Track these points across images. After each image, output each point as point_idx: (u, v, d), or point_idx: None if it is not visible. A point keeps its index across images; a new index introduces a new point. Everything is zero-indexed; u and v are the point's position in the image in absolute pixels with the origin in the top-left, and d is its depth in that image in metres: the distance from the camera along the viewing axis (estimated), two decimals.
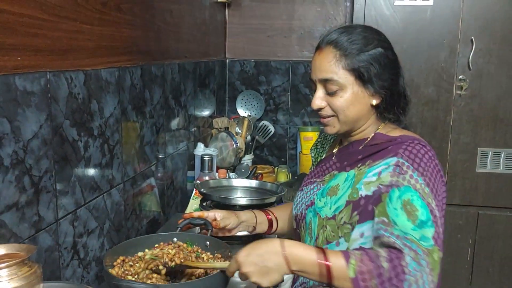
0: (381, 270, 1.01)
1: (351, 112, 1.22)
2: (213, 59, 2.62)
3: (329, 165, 1.35)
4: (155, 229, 1.82)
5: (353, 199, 1.19)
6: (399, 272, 1.01)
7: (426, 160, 1.15)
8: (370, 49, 1.19)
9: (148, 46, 1.70)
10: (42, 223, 1.13)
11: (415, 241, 1.05)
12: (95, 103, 1.34)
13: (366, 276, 1.02)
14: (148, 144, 1.73)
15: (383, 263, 1.02)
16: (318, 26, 2.74)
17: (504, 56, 2.31)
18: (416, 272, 1.01)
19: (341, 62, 1.19)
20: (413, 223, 1.07)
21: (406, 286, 1.00)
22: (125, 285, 1.05)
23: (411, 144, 1.18)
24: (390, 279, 1.01)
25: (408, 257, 1.02)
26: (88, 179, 1.33)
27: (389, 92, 1.21)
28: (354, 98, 1.21)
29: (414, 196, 1.09)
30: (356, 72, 1.19)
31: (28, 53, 1.05)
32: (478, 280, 2.47)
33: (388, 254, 1.03)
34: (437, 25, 2.34)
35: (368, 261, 1.03)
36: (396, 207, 1.10)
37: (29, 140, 1.06)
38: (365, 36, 1.21)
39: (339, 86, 1.20)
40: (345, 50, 1.19)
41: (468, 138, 2.40)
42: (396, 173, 1.14)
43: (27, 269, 0.87)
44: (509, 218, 2.41)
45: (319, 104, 1.24)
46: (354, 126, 1.26)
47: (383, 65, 1.20)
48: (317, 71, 1.23)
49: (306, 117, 2.85)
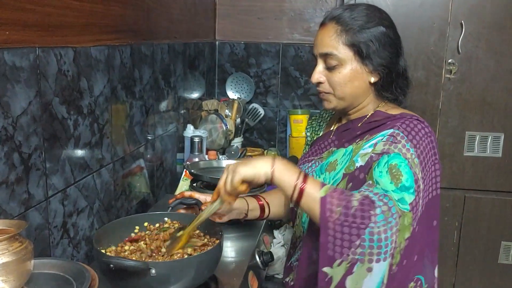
0: (349, 204, 1.04)
1: (348, 88, 1.23)
2: (203, 41, 2.60)
3: (327, 143, 1.36)
4: (144, 210, 1.81)
5: (349, 171, 1.21)
6: (365, 216, 1.03)
7: (421, 135, 1.17)
8: (371, 27, 1.21)
9: (137, 25, 1.68)
10: (32, 201, 1.12)
11: (393, 199, 1.07)
12: (84, 81, 1.32)
13: (335, 201, 1.05)
14: (138, 125, 1.72)
15: (354, 202, 1.05)
16: (309, 9, 2.73)
17: (493, 40, 2.32)
18: (381, 225, 1.03)
19: (342, 37, 1.21)
20: (395, 185, 1.10)
21: (367, 232, 1.03)
22: (115, 261, 1.04)
23: (409, 119, 1.20)
24: (355, 216, 1.03)
25: (378, 209, 1.04)
26: (77, 158, 1.32)
27: (387, 70, 1.22)
28: (353, 74, 1.22)
29: (403, 163, 1.11)
30: (355, 48, 1.20)
31: (17, 28, 1.03)
32: (463, 261, 2.51)
33: (362, 199, 1.06)
34: (427, 8, 2.34)
35: (341, 192, 1.08)
36: (381, 170, 1.12)
37: (18, 117, 1.05)
38: (367, 14, 1.22)
39: (338, 61, 1.21)
40: (346, 26, 1.21)
41: (456, 121, 2.42)
42: (389, 142, 1.16)
43: (18, 244, 0.87)
44: (494, 201, 2.45)
45: (318, 78, 1.26)
46: (352, 103, 1.27)
47: (383, 43, 1.21)
48: (318, 45, 1.25)
49: (296, 100, 2.85)
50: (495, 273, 2.50)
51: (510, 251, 2.47)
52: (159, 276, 1.06)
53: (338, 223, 1.03)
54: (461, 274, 2.53)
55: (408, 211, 1.09)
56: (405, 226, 1.08)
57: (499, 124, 2.38)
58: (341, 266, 1.04)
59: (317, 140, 1.43)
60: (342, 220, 1.03)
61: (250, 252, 1.50)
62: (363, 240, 1.02)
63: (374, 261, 1.04)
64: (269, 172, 1.10)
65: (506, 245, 2.47)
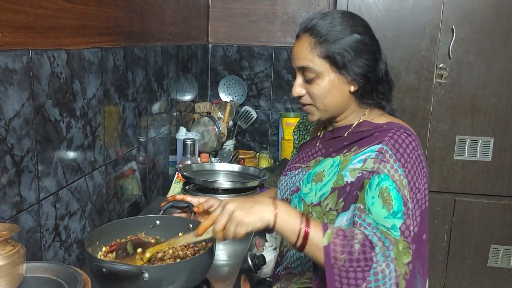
0: (352, 250, 1.05)
1: (328, 99, 1.23)
2: (196, 43, 2.60)
3: (314, 151, 1.35)
4: (136, 213, 1.81)
5: (339, 186, 1.21)
6: (368, 258, 1.04)
7: (409, 151, 1.17)
8: (345, 36, 1.18)
9: (131, 27, 1.68)
10: (24, 203, 1.11)
11: (385, 231, 1.08)
12: (77, 83, 1.31)
13: (338, 248, 1.05)
14: (130, 127, 1.71)
15: (355, 244, 1.05)
16: (302, 12, 2.74)
17: (483, 46, 2.34)
18: (383, 263, 1.05)
19: (316, 50, 1.19)
20: (387, 210, 1.10)
21: (372, 273, 1.04)
22: (107, 266, 1.04)
23: (396, 133, 1.18)
24: (359, 261, 1.04)
25: (377, 248, 1.06)
26: (70, 161, 1.31)
27: (365, 78, 1.20)
28: (331, 86, 1.21)
29: (391, 187, 1.12)
30: (331, 60, 1.19)
31: (10, 30, 1.03)
32: (453, 264, 2.53)
33: (363, 240, 1.06)
34: (418, 13, 2.36)
35: (343, 237, 1.06)
36: (374, 195, 1.12)
37: (11, 119, 1.04)
38: (341, 22, 1.20)
39: (316, 73, 1.20)
40: (320, 37, 1.19)
41: (447, 125, 2.44)
42: (378, 160, 1.15)
43: (10, 248, 0.87)
44: (484, 204, 2.47)
45: (298, 92, 1.25)
46: (335, 113, 1.27)
47: (358, 51, 1.18)
48: (295, 59, 1.24)
49: (288, 103, 2.86)
50: (484, 276, 2.52)
51: (499, 254, 2.49)
52: (151, 281, 1.05)
53: (343, 269, 1.04)
54: (450, 277, 2.55)
55: (399, 236, 1.09)
56: (400, 252, 1.09)
57: (489, 128, 2.41)
58: None
59: (304, 145, 1.43)
60: (347, 266, 1.04)
61: (242, 255, 1.50)
62: (368, 282, 1.04)
63: None
64: (272, 221, 1.08)
65: (495, 248, 2.49)
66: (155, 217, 1.38)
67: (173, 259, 1.22)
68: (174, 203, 1.42)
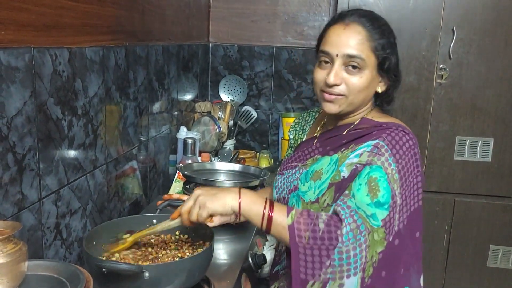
0: (316, 228, 1.08)
1: (362, 94, 1.23)
2: (196, 43, 2.60)
3: (311, 150, 1.35)
4: (137, 212, 1.81)
5: (336, 181, 1.21)
6: (333, 237, 1.07)
7: (405, 148, 1.18)
8: (390, 37, 1.23)
9: (132, 26, 1.68)
10: (25, 201, 1.11)
11: (364, 217, 1.10)
12: (79, 81, 1.31)
13: (302, 227, 1.09)
14: (131, 126, 1.71)
15: (320, 224, 1.09)
16: (302, 12, 2.74)
17: (484, 46, 2.34)
18: (349, 244, 1.07)
19: (370, 43, 1.20)
20: (371, 198, 1.12)
21: (336, 251, 1.07)
22: (108, 265, 1.04)
23: (394, 131, 1.20)
24: (323, 239, 1.07)
25: (346, 228, 1.07)
26: (71, 159, 1.31)
27: (396, 83, 1.25)
28: (370, 81, 1.22)
29: (382, 178, 1.13)
30: (380, 58, 1.21)
31: (12, 28, 1.03)
32: (453, 265, 2.53)
33: (328, 219, 1.09)
34: (419, 14, 2.36)
35: (307, 216, 1.11)
36: (361, 182, 1.14)
37: (13, 117, 1.04)
38: (384, 23, 1.24)
39: (362, 66, 1.20)
40: (373, 33, 1.21)
41: (447, 126, 2.44)
42: (373, 153, 1.16)
43: (12, 245, 0.87)
44: (484, 205, 2.47)
45: (335, 81, 1.21)
46: (356, 108, 1.28)
47: (396, 53, 1.24)
48: (343, 45, 1.20)
49: (289, 103, 2.86)
50: (484, 277, 2.52)
51: (499, 254, 2.50)
52: (151, 279, 1.05)
53: (308, 247, 1.08)
54: (450, 278, 2.55)
55: (380, 226, 1.11)
56: (375, 241, 1.11)
57: (489, 129, 2.41)
58: (315, 286, 1.09)
59: (301, 144, 1.42)
60: (311, 243, 1.08)
61: (243, 254, 1.50)
62: (332, 260, 1.07)
63: (344, 277, 1.08)
64: (236, 206, 1.13)
65: (494, 249, 2.50)
66: (152, 216, 1.38)
67: (171, 258, 1.22)
68: (171, 201, 1.43)
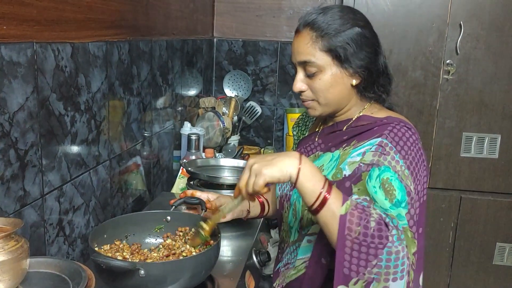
0: (368, 225, 1.02)
1: (331, 94, 1.22)
2: (201, 38, 2.58)
3: (313, 146, 1.34)
4: (140, 208, 1.80)
5: (337, 179, 1.20)
6: (383, 236, 1.02)
7: (410, 144, 1.16)
8: (346, 29, 1.18)
9: (136, 21, 1.66)
10: (28, 198, 1.10)
11: (395, 217, 1.07)
12: (82, 77, 1.30)
13: (355, 220, 1.02)
14: (135, 122, 1.70)
15: (371, 222, 1.02)
16: (308, 7, 2.71)
17: (491, 42, 2.32)
18: (398, 244, 1.03)
19: (318, 44, 1.18)
20: (390, 201, 1.09)
21: (385, 251, 1.01)
22: (101, 261, 1.02)
23: (396, 126, 1.18)
24: (373, 237, 1.01)
25: (394, 229, 1.04)
26: (74, 155, 1.30)
27: (367, 71, 1.20)
28: (333, 80, 1.20)
29: (393, 177, 1.10)
30: (333, 53, 1.18)
31: (15, 22, 1.02)
32: (458, 262, 2.52)
33: (379, 219, 1.04)
34: (426, 9, 2.33)
35: (362, 210, 1.04)
36: (375, 185, 1.11)
37: (15, 113, 1.03)
38: (341, 16, 1.19)
39: (317, 67, 1.19)
40: (321, 31, 1.18)
41: (454, 122, 2.42)
42: (378, 153, 1.14)
43: (14, 243, 0.86)
44: (490, 202, 2.45)
45: (299, 87, 1.23)
46: (337, 107, 1.26)
47: (360, 44, 1.18)
48: (296, 53, 1.23)
49: (294, 98, 2.84)
50: (490, 274, 2.51)
51: (505, 252, 2.48)
52: (152, 277, 1.04)
53: (356, 242, 1.01)
54: (456, 275, 2.53)
55: (407, 225, 1.08)
56: (410, 241, 1.08)
57: (496, 125, 2.39)
58: (357, 285, 1.03)
59: (303, 140, 1.42)
60: (361, 239, 1.01)
61: (247, 251, 1.49)
62: (380, 260, 1.01)
63: (390, 280, 1.02)
64: (295, 173, 1.03)
65: (501, 246, 2.48)
66: (166, 212, 1.37)
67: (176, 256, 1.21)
68: (186, 199, 1.42)
